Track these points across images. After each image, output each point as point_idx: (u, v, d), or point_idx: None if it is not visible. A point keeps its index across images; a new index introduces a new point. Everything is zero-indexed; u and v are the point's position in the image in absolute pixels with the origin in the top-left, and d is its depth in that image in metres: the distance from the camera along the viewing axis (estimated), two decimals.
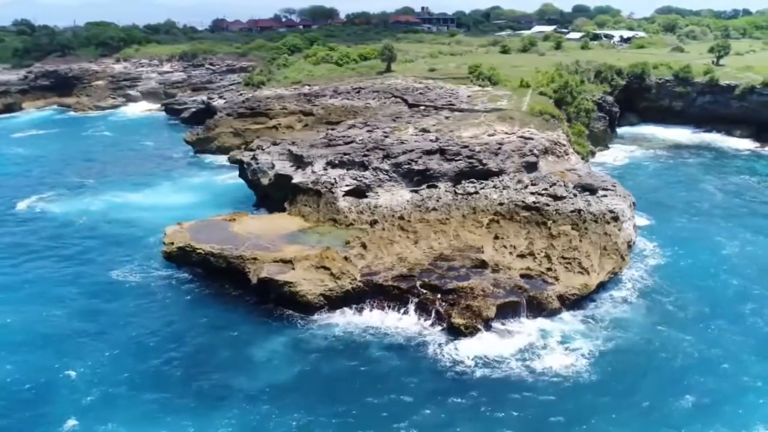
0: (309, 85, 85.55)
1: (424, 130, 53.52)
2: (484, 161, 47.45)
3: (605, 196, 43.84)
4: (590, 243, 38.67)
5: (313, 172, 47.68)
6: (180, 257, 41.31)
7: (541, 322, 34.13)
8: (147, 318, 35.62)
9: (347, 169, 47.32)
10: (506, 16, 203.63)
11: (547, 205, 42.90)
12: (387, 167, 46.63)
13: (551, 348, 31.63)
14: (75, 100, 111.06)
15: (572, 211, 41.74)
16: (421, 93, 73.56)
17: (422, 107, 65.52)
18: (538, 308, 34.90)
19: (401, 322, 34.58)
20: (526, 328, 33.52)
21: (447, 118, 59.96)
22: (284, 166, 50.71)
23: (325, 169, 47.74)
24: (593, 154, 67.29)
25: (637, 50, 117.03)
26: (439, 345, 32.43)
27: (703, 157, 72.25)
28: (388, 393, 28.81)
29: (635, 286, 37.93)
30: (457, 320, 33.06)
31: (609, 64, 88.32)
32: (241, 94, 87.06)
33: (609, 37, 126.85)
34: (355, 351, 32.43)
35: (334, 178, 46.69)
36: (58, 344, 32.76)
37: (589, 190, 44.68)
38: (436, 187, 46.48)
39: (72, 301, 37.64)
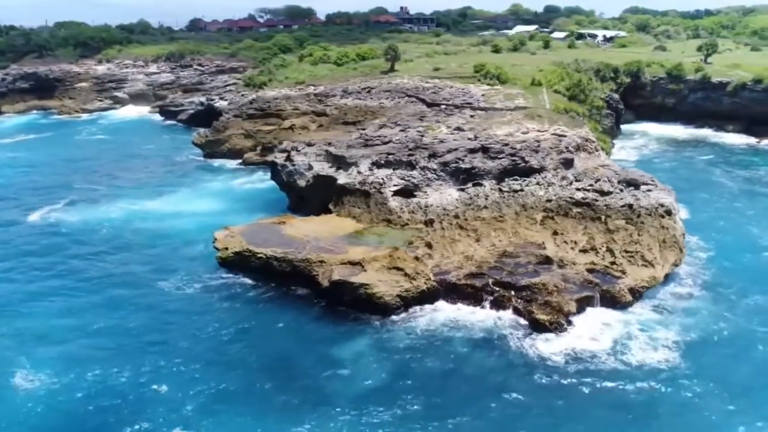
0: (314, 86, 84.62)
1: (459, 129, 53.82)
2: (527, 158, 48.04)
3: (649, 190, 44.99)
4: (649, 236, 39.69)
5: (359, 172, 47.25)
6: (237, 263, 40.33)
7: (616, 314, 34.79)
8: (219, 327, 34.57)
9: (394, 169, 47.13)
10: (482, 16, 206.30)
11: (596, 200, 43.82)
12: (435, 166, 46.69)
13: (636, 340, 32.27)
14: (59, 103, 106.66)
15: (623, 206, 42.72)
16: (434, 92, 73.77)
17: (443, 106, 65.72)
18: (611, 302, 35.61)
19: (479, 320, 34.70)
20: (605, 322, 34.09)
21: (472, 116, 60.47)
22: (323, 167, 50.11)
23: (370, 169, 47.40)
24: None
25: (621, 49, 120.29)
26: (523, 341, 32.70)
27: (707, 152, 74.98)
28: (484, 390, 28.83)
29: (692, 278, 39.05)
30: (541, 316, 33.40)
31: (606, 63, 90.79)
32: (243, 95, 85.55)
33: (593, 36, 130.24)
34: (441, 349, 32.38)
35: (382, 179, 46.44)
36: (136, 360, 31.36)
37: (633, 184, 45.78)
38: (481, 185, 46.81)
39: (134, 314, 36.07)
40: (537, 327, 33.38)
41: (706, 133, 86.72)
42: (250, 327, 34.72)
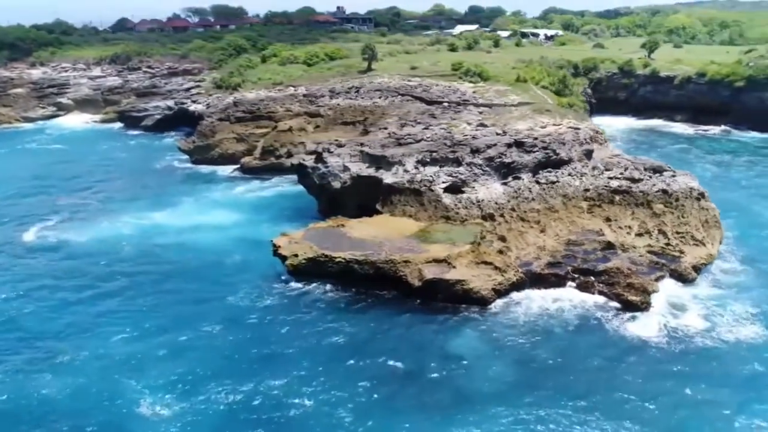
0: (294, 86, 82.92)
1: (482, 125, 55.27)
2: (558, 151, 50.38)
3: (673, 176, 48.71)
4: (693, 217, 43.17)
5: (406, 171, 47.29)
6: (310, 269, 39.14)
7: (685, 292, 37.56)
8: (322, 336, 33.55)
9: (440, 166, 47.64)
10: (410, 16, 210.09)
11: (630, 187, 46.85)
12: (480, 162, 47.77)
13: (720, 316, 34.50)
14: None
15: (657, 191, 46.03)
16: (424, 90, 74.84)
17: (445, 104, 66.92)
18: (679, 280, 38.47)
19: (569, 306, 36.23)
20: (679, 299, 36.69)
21: (480, 113, 62.22)
22: (360, 168, 49.56)
23: (416, 167, 47.58)
24: None
25: (561, 47, 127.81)
26: (616, 322, 34.52)
27: (672, 140, 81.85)
28: (601, 372, 30.15)
29: (729, 254, 42.83)
30: (632, 297, 35.52)
31: (566, 59, 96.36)
32: (218, 98, 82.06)
33: (535, 35, 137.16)
34: (546, 336, 33.47)
35: (430, 176, 46.81)
36: (254, 375, 29.88)
37: (658, 171, 49.38)
38: (520, 178, 48.53)
39: (225, 331, 34.07)
40: (628, 307, 35.46)
41: (657, 123, 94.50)
42: (354, 332, 33.98)
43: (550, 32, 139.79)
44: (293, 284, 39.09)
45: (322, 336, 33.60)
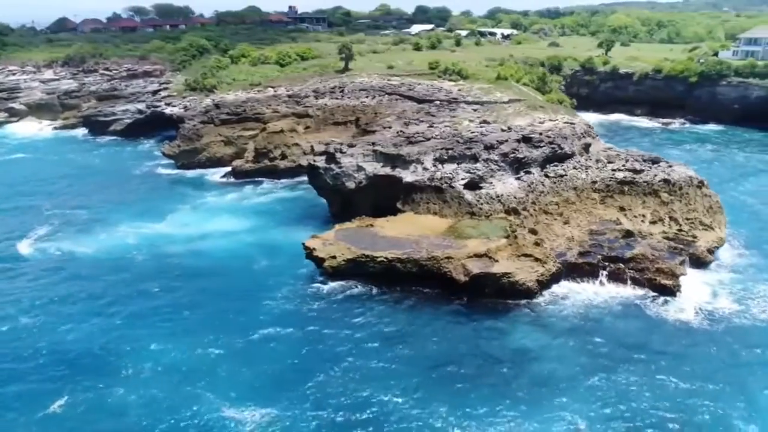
0: (272, 87, 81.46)
1: (485, 122, 56.46)
2: (562, 145, 52.33)
3: (670, 166, 51.69)
4: (699, 204, 46.03)
5: (425, 169, 47.69)
6: (350, 270, 38.85)
7: (705, 275, 40.06)
8: (380, 336, 33.48)
9: (458, 163, 48.35)
10: (357, 16, 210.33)
11: (634, 178, 49.32)
12: (496, 157, 48.85)
13: (751, 299, 36.93)
14: None
15: (660, 181, 48.71)
16: (409, 89, 75.50)
17: (437, 102, 67.73)
18: (696, 263, 40.99)
19: (607, 293, 37.89)
20: (703, 282, 39.10)
21: (475, 110, 63.41)
22: (376, 167, 49.52)
23: (434, 165, 48.07)
24: None
25: (518, 45, 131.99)
26: (654, 306, 36.46)
27: (638, 134, 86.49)
28: (657, 354, 31.66)
29: (731, 237, 45.96)
30: (665, 281, 37.56)
31: (533, 57, 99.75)
32: (194, 99, 79.26)
33: (493, 34, 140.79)
34: (595, 323, 34.84)
35: (450, 173, 47.43)
36: (336, 378, 29.73)
37: (655, 162, 52.23)
38: (530, 173, 50.08)
39: (278, 335, 33.40)
40: (661, 292, 37.48)
41: (619, 117, 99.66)
42: (411, 330, 34.13)
43: (506, 31, 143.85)
44: (332, 285, 38.68)
45: (381, 335, 33.55)
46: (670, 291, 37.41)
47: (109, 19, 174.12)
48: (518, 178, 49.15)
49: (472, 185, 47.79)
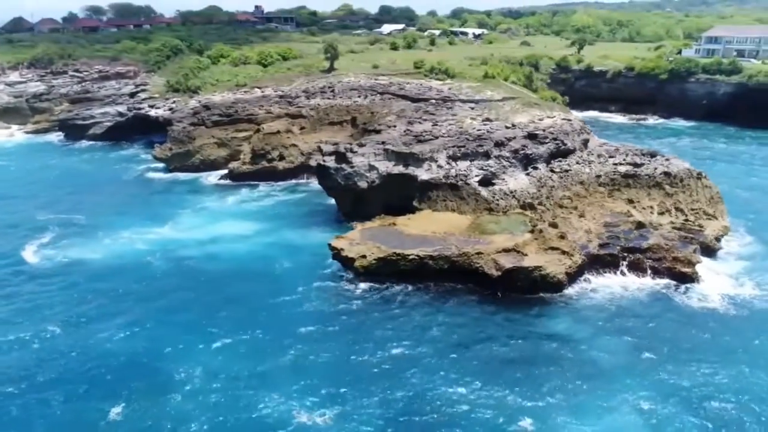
0: (259, 87, 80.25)
1: (488, 120, 57.39)
2: (565, 141, 53.78)
3: (667, 159, 53.86)
4: (701, 195, 48.15)
5: (440, 166, 48.10)
6: (381, 269, 38.84)
7: (718, 263, 41.93)
8: (423, 332, 33.63)
9: (471, 161, 48.98)
10: (327, 15, 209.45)
11: (636, 172, 51.13)
12: (507, 154, 49.73)
13: (760, 278, 39.14)
14: None
15: (661, 174, 50.68)
16: (400, 88, 75.81)
17: (432, 101, 68.25)
18: (706, 251, 42.91)
19: (631, 282, 39.20)
20: (715, 269, 40.92)
21: (472, 108, 64.36)
22: (388, 166, 49.61)
23: (448, 163, 48.53)
24: None
25: (490, 45, 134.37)
26: (678, 293, 37.87)
27: (617, 130, 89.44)
28: (695, 339, 33.08)
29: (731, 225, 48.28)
30: (685, 269, 39.17)
31: (512, 56, 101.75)
32: (177, 101, 77.28)
33: (465, 34, 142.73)
34: (627, 312, 35.88)
35: (465, 170, 47.99)
36: (393, 376, 29.75)
37: (653, 156, 54.29)
38: (537, 168, 51.26)
39: (324, 339, 33.12)
40: (681, 280, 39.08)
41: (595, 114, 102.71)
42: (453, 324, 34.45)
43: (477, 31, 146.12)
44: (363, 285, 38.59)
45: (425, 329, 33.81)
46: (690, 278, 39.05)
47: (65, 19, 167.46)
48: (527, 174, 50.22)
49: (485, 182, 48.54)
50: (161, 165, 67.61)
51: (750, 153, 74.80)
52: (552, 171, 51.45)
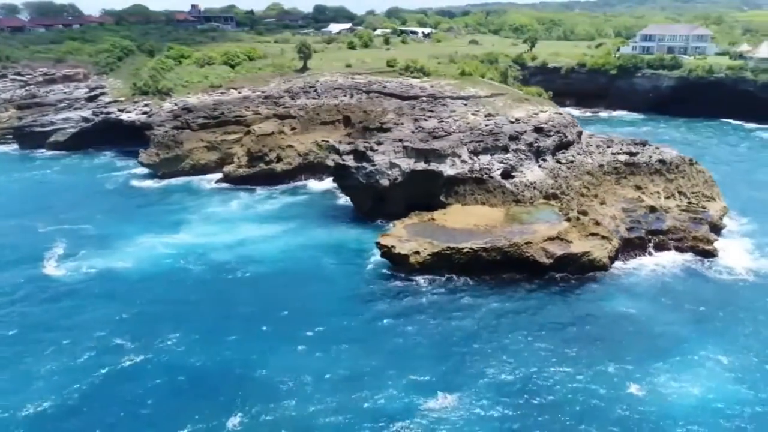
0: (235, 88, 77.71)
1: (490, 115, 59.04)
2: (567, 134, 56.53)
3: (657, 147, 57.88)
4: (697, 179, 52.21)
5: (464, 161, 49.00)
6: (436, 263, 39.25)
7: (725, 238, 45.80)
8: (493, 320, 34.50)
9: (491, 155, 50.28)
10: (263, 15, 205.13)
11: (635, 160, 54.64)
12: (523, 147, 51.48)
13: (766, 251, 43.44)
14: None
15: (657, 161, 54.48)
16: (384, 86, 76.10)
17: (423, 98, 69.06)
18: (714, 229, 46.73)
19: (661, 262, 42.05)
20: (731, 243, 44.67)
21: (465, 104, 65.83)
22: (409, 164, 49.91)
23: (471, 158, 49.54)
24: None
25: (439, 43, 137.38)
26: (707, 268, 41.09)
27: (578, 122, 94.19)
28: (734, 306, 36.37)
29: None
30: (707, 247, 42.55)
31: (471, 54, 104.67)
32: (146, 105, 73.24)
33: (414, 33, 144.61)
34: (667, 287, 38.74)
35: (487, 164, 49.21)
36: (490, 365, 30.36)
37: (644, 144, 58.13)
38: (545, 160, 53.60)
39: (404, 334, 33.17)
40: (704, 255, 42.40)
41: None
42: (519, 309, 35.75)
43: (426, 30, 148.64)
44: (422, 280, 38.79)
45: (497, 316, 34.90)
46: (711, 254, 42.53)
47: (7, 18, 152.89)
48: (540, 166, 52.33)
49: (506, 174, 50.09)
50: (144, 171, 64.10)
51: (699, 139, 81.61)
52: (558, 162, 53.95)
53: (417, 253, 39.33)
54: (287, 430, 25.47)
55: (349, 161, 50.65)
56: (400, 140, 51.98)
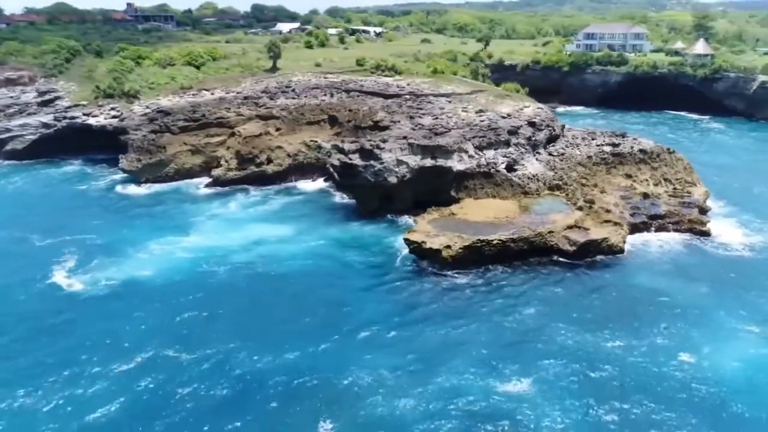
0: (207, 90, 75.19)
1: (481, 111, 60.63)
2: (555, 128, 59.12)
3: (635, 138, 61.56)
4: (678, 167, 56.06)
5: (471, 156, 50.08)
6: (467, 256, 40.06)
7: (713, 219, 49.49)
8: (537, 306, 35.80)
9: (495, 149, 51.68)
10: (201, 14, 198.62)
11: (618, 151, 57.97)
12: (523, 141, 53.27)
13: (756, 228, 47.57)
14: None
15: (639, 151, 58.03)
16: (361, 85, 76.21)
17: (406, 96, 69.76)
18: (701, 213, 50.47)
19: (665, 240, 45.12)
20: (720, 223, 48.37)
21: (449, 101, 67.25)
22: (416, 160, 50.43)
23: (476, 153, 50.70)
24: None
25: (390, 42, 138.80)
26: (707, 246, 44.32)
27: None
28: (736, 277, 39.81)
29: None
30: (702, 228, 45.97)
31: (432, 52, 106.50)
32: (112, 108, 69.42)
33: (366, 32, 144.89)
34: (677, 263, 41.79)
35: (493, 159, 50.58)
36: (548, 353, 31.36)
37: (623, 136, 61.66)
38: (539, 153, 55.87)
39: (448, 330, 33.51)
40: (702, 235, 45.80)
41: None
42: (553, 294, 37.21)
43: (378, 29, 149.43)
44: (455, 273, 39.48)
45: (544, 303, 36.12)
46: (707, 234, 45.98)
47: None
48: (537, 159, 54.42)
49: (509, 168, 51.74)
50: (124, 177, 60.75)
51: (653, 130, 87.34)
52: (551, 155, 56.35)
53: (448, 247, 40.01)
54: (382, 424, 25.46)
55: (356, 160, 50.52)
56: (404, 137, 52.44)
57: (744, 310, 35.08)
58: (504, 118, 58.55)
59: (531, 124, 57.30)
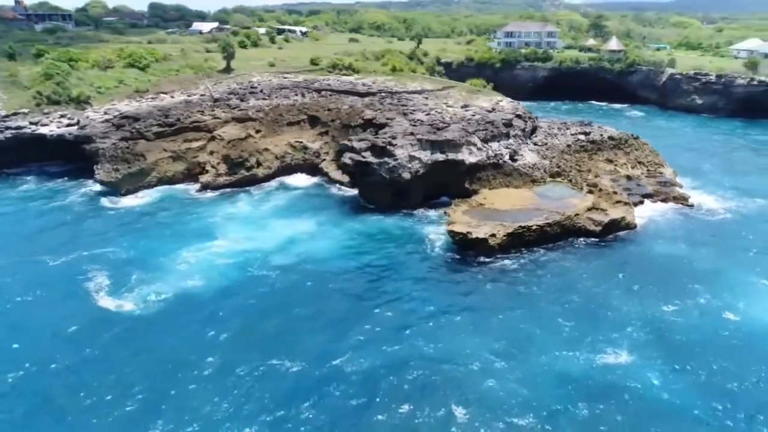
0: (165, 93, 70.55)
1: (466, 106, 62.79)
2: (534, 120, 62.80)
3: (600, 126, 67.04)
4: (646, 151, 61.92)
5: (479, 149, 51.84)
6: (511, 242, 41.79)
7: (692, 195, 55.57)
8: (584, 286, 38.35)
9: (498, 141, 53.87)
10: (95, 14, 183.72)
11: (592, 139, 62.95)
12: (519, 133, 56.01)
13: (731, 200, 53.98)
14: None
15: (609, 138, 63.37)
16: (328, 84, 75.55)
17: (382, 94, 70.22)
18: (675, 186, 56.41)
19: (662, 213, 50.12)
20: (696, 196, 54.37)
21: (426, 98, 68.85)
22: (427, 155, 51.34)
23: (483, 146, 52.55)
24: None
25: (317, 42, 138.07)
26: (695, 216, 49.98)
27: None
28: (731, 239, 45.37)
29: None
30: (686, 202, 51.52)
31: (369, 50, 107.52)
32: (61, 116, 63.09)
33: (292, 32, 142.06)
34: (686, 228, 47.32)
35: (498, 150, 52.74)
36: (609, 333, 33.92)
37: (589, 125, 66.91)
38: (527, 143, 59.22)
39: (512, 319, 34.94)
40: (687, 206, 51.36)
41: None
42: (590, 269, 40.43)
43: (303, 29, 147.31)
44: (492, 259, 41.04)
45: (598, 278, 38.90)
46: (690, 205, 51.74)
47: None
48: (529, 149, 57.61)
49: (511, 158, 54.28)
50: (99, 189, 55.48)
51: (588, 118, 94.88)
52: (536, 144, 59.90)
53: (493, 235, 41.53)
54: (511, 406, 26.51)
55: (370, 158, 50.44)
56: (411, 133, 53.13)
57: (758, 267, 40.28)
58: (490, 112, 61.17)
59: (518, 116, 60.44)
